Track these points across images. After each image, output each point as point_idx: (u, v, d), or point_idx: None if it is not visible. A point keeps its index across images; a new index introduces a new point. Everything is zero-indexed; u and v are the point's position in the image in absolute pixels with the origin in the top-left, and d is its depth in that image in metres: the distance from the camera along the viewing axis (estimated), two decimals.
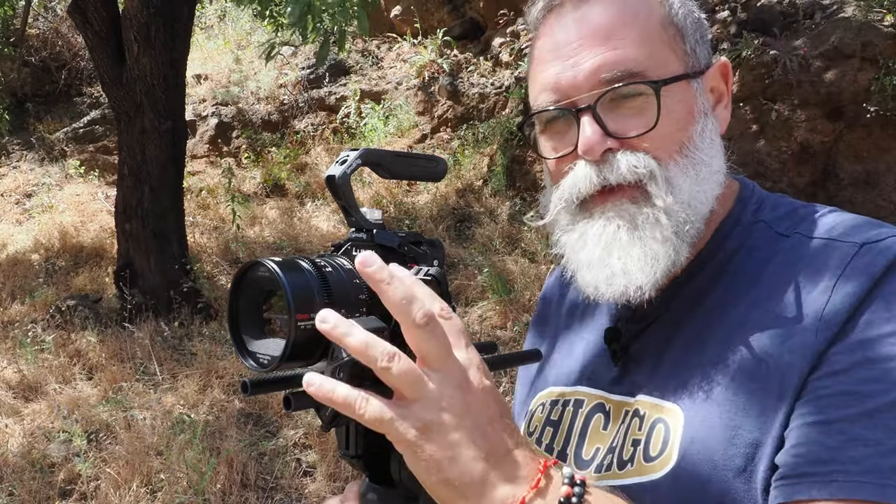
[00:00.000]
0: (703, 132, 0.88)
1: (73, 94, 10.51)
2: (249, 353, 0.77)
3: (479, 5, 8.78)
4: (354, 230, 0.85)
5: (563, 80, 0.87)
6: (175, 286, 6.03)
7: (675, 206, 0.85)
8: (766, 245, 0.88)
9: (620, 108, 0.86)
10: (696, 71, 0.89)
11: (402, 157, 0.89)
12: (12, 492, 4.04)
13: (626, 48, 0.85)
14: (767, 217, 0.91)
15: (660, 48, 0.87)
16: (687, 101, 0.88)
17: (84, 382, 5.27)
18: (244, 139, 9.19)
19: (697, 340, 0.87)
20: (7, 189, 8.89)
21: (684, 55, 0.89)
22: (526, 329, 5.31)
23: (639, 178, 0.85)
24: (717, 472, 0.79)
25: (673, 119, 0.86)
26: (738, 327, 0.84)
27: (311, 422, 4.53)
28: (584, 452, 0.93)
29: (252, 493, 4.06)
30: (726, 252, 0.90)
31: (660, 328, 0.92)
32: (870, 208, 5.46)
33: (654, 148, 0.86)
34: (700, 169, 0.87)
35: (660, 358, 0.90)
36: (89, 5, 5.82)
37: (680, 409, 0.85)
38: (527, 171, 6.85)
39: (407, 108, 8.55)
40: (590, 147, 0.86)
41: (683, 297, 0.91)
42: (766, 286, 0.84)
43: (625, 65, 0.85)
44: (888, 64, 5.47)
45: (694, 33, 0.90)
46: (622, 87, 0.85)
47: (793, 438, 0.75)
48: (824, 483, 0.71)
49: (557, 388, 1.03)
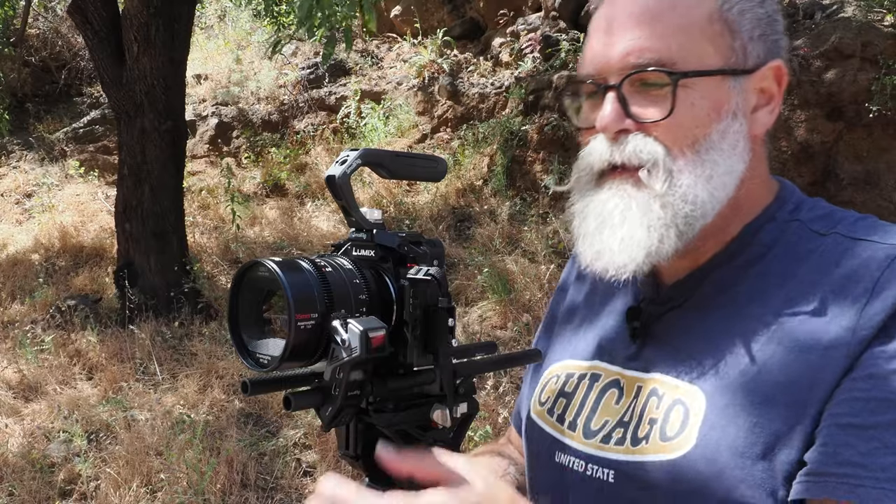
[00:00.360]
0: (725, 132, 0.87)
1: (73, 94, 10.51)
2: (249, 353, 0.77)
3: (479, 5, 8.78)
4: (354, 230, 0.85)
5: (600, 57, 0.89)
6: (175, 286, 6.03)
7: (670, 199, 0.86)
8: (802, 242, 0.88)
9: (646, 93, 0.87)
10: (740, 69, 0.88)
11: (402, 157, 0.89)
12: (12, 492, 4.04)
13: (660, 36, 0.85)
14: (804, 217, 0.91)
15: (698, 41, 0.86)
16: (715, 97, 0.87)
17: (84, 382, 5.27)
18: (244, 139, 9.19)
19: (724, 328, 0.87)
20: (7, 189, 8.89)
21: (728, 51, 0.87)
22: (526, 329, 5.32)
23: (641, 162, 0.86)
24: (735, 459, 0.80)
25: (692, 113, 0.86)
26: (770, 320, 0.84)
27: (311, 422, 4.53)
28: (594, 424, 0.94)
29: (252, 493, 4.06)
30: (759, 246, 0.90)
31: (684, 312, 0.93)
32: (870, 208, 5.46)
33: (666, 138, 0.86)
34: (708, 168, 0.86)
35: (682, 340, 0.91)
36: (89, 5, 5.82)
37: (701, 392, 0.85)
38: (527, 171, 6.85)
39: (407, 108, 8.55)
40: (605, 124, 0.88)
41: (711, 284, 0.91)
42: (802, 283, 0.84)
43: (653, 52, 0.85)
44: (888, 64, 5.47)
45: (751, 30, 0.88)
46: (644, 73, 0.85)
47: (823, 437, 0.75)
48: (851, 486, 0.72)
49: (574, 362, 1.04)
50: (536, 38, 7.40)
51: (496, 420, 4.30)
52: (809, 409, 0.77)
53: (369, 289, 0.79)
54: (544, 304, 5.44)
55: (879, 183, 5.67)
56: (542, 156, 6.69)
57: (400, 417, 0.80)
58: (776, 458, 0.78)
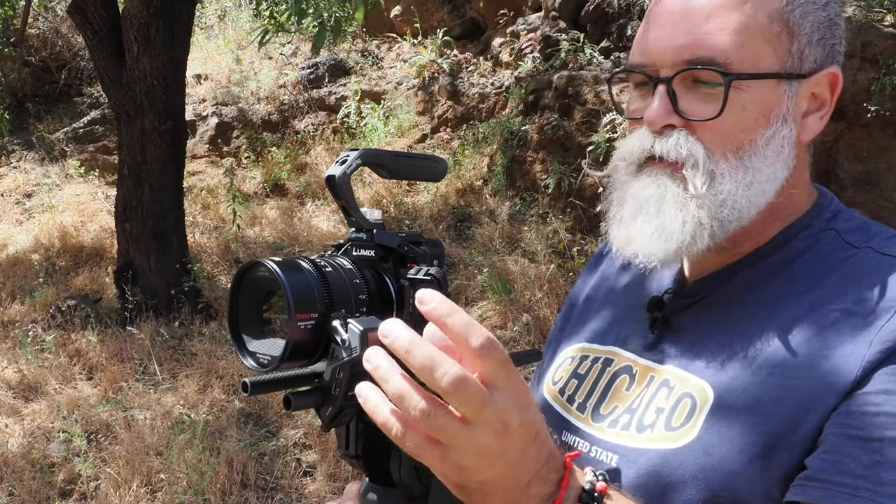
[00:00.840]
0: (771, 138, 0.86)
1: (73, 94, 10.50)
2: (249, 353, 0.77)
3: (479, 5, 8.78)
4: (354, 230, 0.85)
5: (654, 48, 0.88)
6: (175, 286, 6.03)
7: (708, 201, 0.86)
8: (835, 253, 0.88)
9: (696, 91, 0.86)
10: (795, 73, 0.87)
11: (402, 157, 0.89)
12: (12, 492, 4.04)
13: (718, 34, 0.84)
14: (840, 227, 0.90)
15: (757, 42, 0.85)
16: (766, 101, 0.86)
17: (84, 382, 5.27)
18: (244, 139, 9.19)
19: (743, 328, 0.88)
20: (7, 189, 8.89)
21: (785, 54, 0.86)
22: (526, 329, 5.31)
23: (680, 158, 0.86)
24: (734, 454, 0.80)
25: (741, 117, 0.85)
26: (789, 325, 0.84)
27: (311, 422, 4.53)
28: (603, 408, 0.95)
29: (252, 493, 4.06)
30: (792, 251, 0.90)
31: (706, 307, 0.93)
32: (870, 208, 5.46)
33: (710, 140, 0.86)
34: (750, 175, 0.86)
35: (700, 335, 0.91)
36: (89, 5, 5.82)
37: (710, 388, 0.86)
38: (527, 171, 6.85)
39: (407, 108, 8.55)
40: (652, 118, 0.87)
41: (738, 282, 0.92)
42: (828, 292, 0.84)
43: (710, 50, 0.84)
44: (888, 64, 5.47)
45: (811, 34, 0.87)
46: (698, 70, 0.85)
47: (827, 444, 0.76)
48: (849, 496, 0.72)
49: (590, 345, 1.05)
50: (536, 38, 7.40)
51: None
52: (814, 415, 0.77)
53: (369, 289, 0.79)
54: (544, 303, 5.44)
55: (879, 183, 5.67)
56: (542, 156, 6.69)
57: None
58: (774, 458, 0.78)
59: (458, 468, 0.66)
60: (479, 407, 0.63)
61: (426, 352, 0.62)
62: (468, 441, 0.64)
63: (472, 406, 0.63)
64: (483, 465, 0.65)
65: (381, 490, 0.84)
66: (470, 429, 0.64)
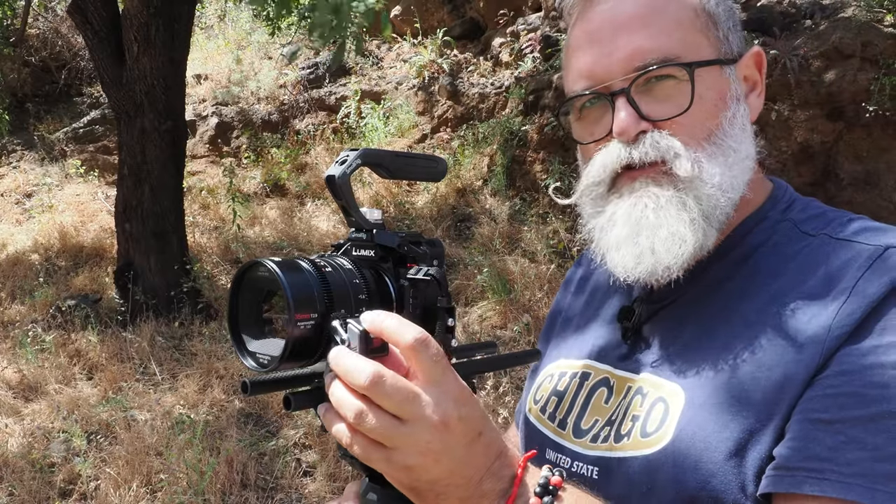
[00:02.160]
0: (733, 118, 0.89)
1: (73, 94, 10.50)
2: (249, 353, 0.77)
3: (479, 5, 8.78)
4: (354, 230, 0.85)
5: (599, 67, 0.89)
6: (175, 286, 6.03)
7: (704, 189, 0.86)
8: (790, 243, 0.89)
9: (653, 92, 0.88)
10: (729, 58, 0.90)
11: (402, 157, 0.89)
12: (12, 492, 4.04)
13: (659, 34, 0.87)
14: (796, 217, 0.92)
15: (693, 34, 0.88)
16: (719, 87, 0.89)
17: (84, 382, 5.27)
18: (244, 139, 9.19)
19: (709, 326, 0.88)
20: (7, 189, 8.89)
21: (717, 41, 0.90)
22: (526, 329, 5.31)
23: (661, 155, 0.86)
24: (708, 453, 0.81)
25: (704, 105, 0.87)
26: (753, 318, 0.85)
27: (311, 422, 4.53)
28: (584, 422, 0.96)
29: (252, 493, 4.06)
30: (749, 245, 0.91)
31: (673, 311, 0.94)
32: (870, 208, 5.45)
33: (681, 133, 0.87)
34: (729, 155, 0.88)
35: (669, 339, 0.92)
36: (89, 5, 5.82)
37: (682, 390, 0.86)
38: (527, 171, 6.85)
39: (407, 108, 8.55)
40: (623, 129, 0.87)
41: (701, 283, 0.92)
42: (787, 282, 0.85)
43: (659, 50, 0.86)
44: (888, 64, 5.47)
45: (727, 21, 0.91)
46: (656, 69, 0.86)
47: (793, 432, 0.76)
48: (816, 480, 0.73)
49: (568, 361, 1.06)
50: (536, 38, 7.39)
51: (496, 420, 4.30)
52: (781, 406, 0.78)
53: (369, 289, 0.79)
54: (544, 303, 5.44)
55: (879, 183, 5.67)
56: (542, 156, 6.69)
57: None
58: (748, 454, 0.79)
59: (404, 468, 0.67)
60: (404, 400, 0.65)
61: (348, 360, 0.66)
62: (407, 438, 0.66)
63: (397, 400, 0.65)
64: (429, 463, 0.67)
65: (381, 490, 0.84)
66: (407, 426, 0.66)
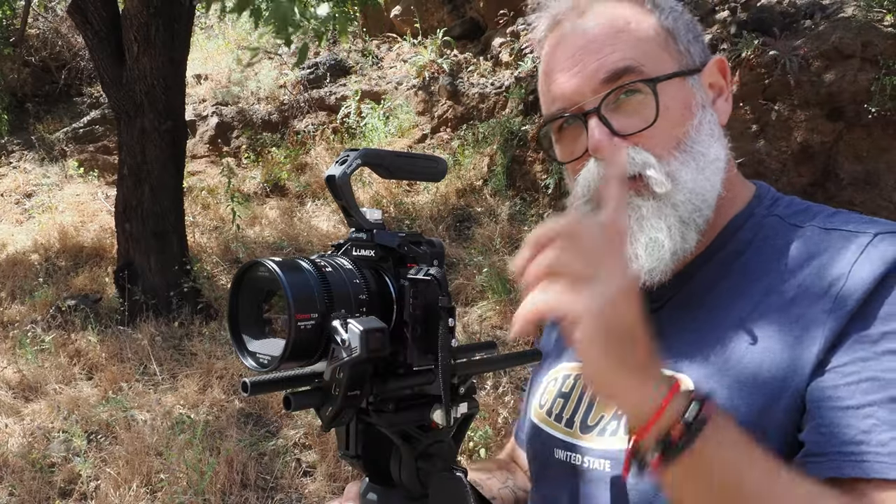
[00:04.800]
0: (700, 125, 0.93)
1: (73, 94, 10.50)
2: (249, 353, 0.77)
3: (479, 5, 8.78)
4: (354, 230, 0.85)
5: (569, 89, 0.94)
6: (175, 286, 6.03)
7: (679, 196, 0.91)
8: (780, 236, 0.92)
9: (623, 108, 0.92)
10: (692, 68, 0.95)
11: (402, 157, 0.89)
12: (12, 492, 4.04)
13: (622, 51, 0.92)
14: (782, 212, 0.95)
15: (654, 49, 0.93)
16: (683, 97, 0.93)
17: (84, 382, 5.27)
18: (244, 139, 9.19)
19: (710, 321, 0.91)
20: (7, 189, 8.89)
21: (678, 55, 0.95)
22: None
23: (636, 169, 0.91)
24: None
25: (670, 116, 0.91)
26: (752, 311, 0.87)
27: (311, 422, 4.53)
28: (590, 419, 0.99)
29: (252, 493, 4.06)
30: (739, 242, 0.95)
31: (671, 309, 0.97)
32: (870, 208, 5.45)
33: (652, 146, 0.91)
34: (699, 159, 0.92)
35: (669, 335, 0.94)
36: (89, 5, 5.82)
37: (688, 378, 0.89)
38: (527, 171, 6.85)
39: (407, 108, 8.54)
40: (596, 147, 0.92)
41: (696, 281, 0.96)
42: (782, 273, 0.88)
43: (623, 65, 0.91)
44: (888, 64, 5.47)
45: (686, 34, 0.96)
46: (622, 86, 0.91)
47: (820, 419, 0.79)
48: (856, 462, 0.75)
49: (571, 364, 1.08)
50: None
51: (496, 420, 4.30)
52: (790, 387, 0.81)
53: (369, 289, 0.79)
54: None
55: (879, 183, 5.67)
56: (542, 156, 6.69)
57: (400, 417, 0.80)
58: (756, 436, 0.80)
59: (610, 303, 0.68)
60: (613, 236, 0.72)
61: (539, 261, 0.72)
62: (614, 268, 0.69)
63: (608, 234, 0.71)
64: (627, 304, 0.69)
65: (381, 490, 0.84)
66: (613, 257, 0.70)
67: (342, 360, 0.71)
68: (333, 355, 0.73)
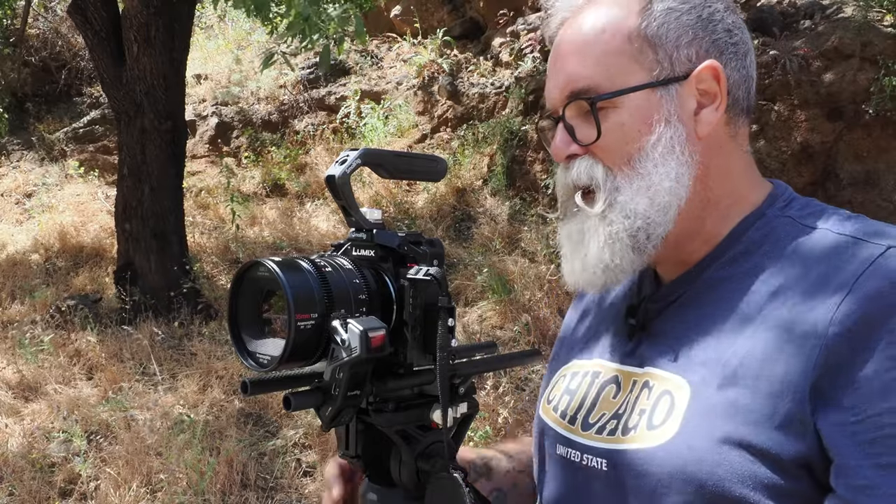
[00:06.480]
0: (657, 142, 0.91)
1: (73, 94, 10.50)
2: (249, 353, 0.77)
3: (479, 5, 8.78)
4: (354, 230, 0.85)
5: (548, 94, 0.99)
6: (175, 286, 6.03)
7: (611, 216, 0.92)
8: (790, 237, 0.90)
9: (586, 119, 0.94)
10: (668, 78, 0.92)
11: (402, 157, 0.89)
12: (12, 492, 4.04)
13: (583, 66, 0.93)
14: (795, 214, 0.93)
15: (622, 62, 0.92)
16: (643, 112, 0.91)
17: (84, 382, 5.27)
18: (244, 139, 9.19)
19: (714, 322, 0.90)
20: (7, 189, 8.89)
21: (652, 64, 0.92)
22: (526, 329, 5.32)
23: (585, 183, 0.94)
24: (714, 445, 0.82)
25: (622, 132, 0.92)
26: (756, 314, 0.87)
27: (311, 422, 4.53)
28: (592, 417, 0.99)
29: (252, 493, 4.06)
30: (749, 242, 0.93)
31: (678, 308, 0.96)
32: (870, 208, 5.45)
33: (606, 158, 0.93)
34: (646, 179, 0.91)
35: (674, 335, 0.94)
36: (89, 5, 5.82)
37: (687, 383, 0.88)
38: (527, 171, 6.85)
39: (407, 108, 8.54)
40: (554, 152, 0.97)
41: (703, 280, 0.95)
42: (789, 276, 0.87)
43: (580, 80, 0.93)
44: (888, 64, 5.47)
45: (677, 39, 0.92)
46: (573, 102, 0.93)
47: (860, 476, 0.75)
48: None
49: (580, 361, 1.09)
50: (536, 38, 7.39)
51: (496, 420, 4.30)
52: (784, 399, 0.80)
53: (369, 289, 0.79)
54: (544, 304, 5.44)
55: (879, 183, 5.67)
56: (542, 156, 6.69)
57: (400, 417, 0.80)
58: (754, 446, 0.80)
59: None
60: None
61: None
62: None
63: None
64: None
65: (381, 490, 0.84)
66: None
67: (342, 360, 0.71)
68: (333, 355, 0.73)
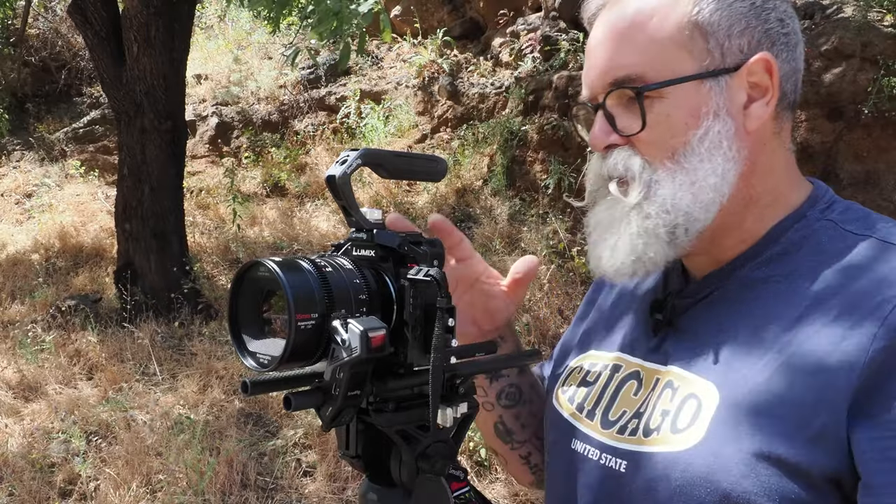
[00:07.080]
0: (705, 135, 0.87)
1: (73, 94, 10.50)
2: (249, 353, 0.77)
3: (479, 5, 8.78)
4: (354, 230, 0.85)
5: (588, 81, 0.95)
6: (175, 286, 6.03)
7: (650, 208, 0.89)
8: (833, 241, 0.87)
9: (627, 108, 0.90)
10: (719, 69, 0.87)
11: (402, 157, 0.89)
12: (12, 492, 4.04)
13: (629, 53, 0.89)
14: (837, 218, 0.89)
15: (671, 50, 0.87)
16: (692, 104, 0.87)
17: (84, 382, 5.27)
18: (244, 139, 9.19)
19: (745, 325, 0.87)
20: (7, 189, 8.89)
21: (703, 54, 0.87)
22: (526, 329, 5.30)
23: (621, 174, 0.91)
24: (741, 455, 0.79)
25: (668, 124, 0.88)
26: (794, 321, 0.83)
27: (311, 422, 4.53)
28: (611, 414, 0.96)
29: (252, 493, 4.06)
30: (787, 243, 0.89)
31: (707, 307, 0.93)
32: (870, 208, 5.44)
33: (646, 151, 0.89)
34: (690, 175, 0.87)
35: (703, 335, 0.91)
36: (89, 5, 5.82)
37: (715, 388, 0.85)
38: (526, 172, 6.85)
39: (407, 108, 8.54)
40: (593, 141, 0.93)
41: (737, 279, 0.92)
42: (830, 284, 0.83)
43: (624, 68, 0.88)
44: (888, 64, 5.46)
45: (729, 28, 0.87)
46: (617, 89, 0.89)
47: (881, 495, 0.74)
48: None
49: (598, 352, 1.06)
50: (536, 38, 7.39)
51: None
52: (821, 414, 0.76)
53: (369, 289, 0.79)
54: (544, 303, 5.44)
55: (879, 183, 5.67)
56: (542, 156, 6.69)
57: (400, 417, 0.80)
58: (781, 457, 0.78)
59: None
60: None
61: None
62: None
63: None
64: None
65: (381, 490, 0.84)
66: None
67: (342, 360, 0.71)
68: (333, 355, 0.73)
